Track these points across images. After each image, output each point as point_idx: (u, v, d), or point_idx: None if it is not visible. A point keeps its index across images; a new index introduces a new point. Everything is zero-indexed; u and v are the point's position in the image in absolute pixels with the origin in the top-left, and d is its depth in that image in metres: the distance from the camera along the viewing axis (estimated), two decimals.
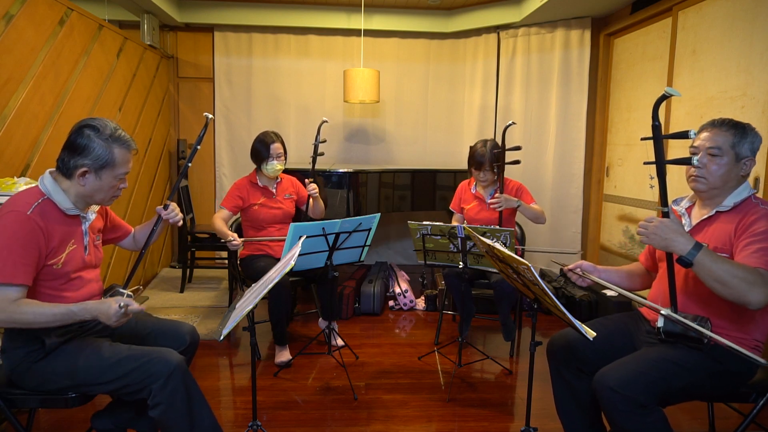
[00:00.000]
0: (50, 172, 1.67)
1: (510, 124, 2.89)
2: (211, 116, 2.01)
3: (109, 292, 1.77)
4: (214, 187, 5.02)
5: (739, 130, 1.65)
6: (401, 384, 2.73)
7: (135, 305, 1.57)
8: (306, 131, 4.90)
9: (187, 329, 1.88)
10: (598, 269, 1.89)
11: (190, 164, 1.97)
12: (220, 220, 2.93)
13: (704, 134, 1.70)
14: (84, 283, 1.73)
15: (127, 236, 2.04)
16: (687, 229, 1.75)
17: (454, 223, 3.22)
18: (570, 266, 1.88)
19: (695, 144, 1.72)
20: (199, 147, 1.96)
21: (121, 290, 1.74)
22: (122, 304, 1.54)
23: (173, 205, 1.94)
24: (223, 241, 2.86)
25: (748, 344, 1.65)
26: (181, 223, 1.97)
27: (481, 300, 3.74)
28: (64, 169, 1.64)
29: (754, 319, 1.65)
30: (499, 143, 2.91)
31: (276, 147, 3.00)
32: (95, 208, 1.82)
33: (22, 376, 1.64)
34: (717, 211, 1.69)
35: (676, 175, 3.21)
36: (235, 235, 2.82)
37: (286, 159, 3.09)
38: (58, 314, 1.53)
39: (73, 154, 1.62)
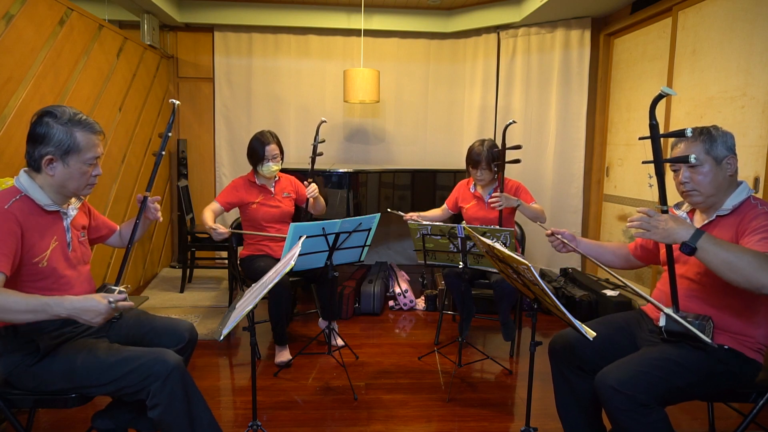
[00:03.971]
0: (24, 170, 1.67)
1: (510, 123, 2.89)
2: (177, 102, 2.01)
3: (101, 291, 1.75)
4: (214, 187, 5.01)
5: (707, 136, 1.66)
6: (401, 384, 2.73)
7: (126, 302, 1.50)
8: (306, 131, 4.90)
9: (185, 326, 1.88)
10: (577, 240, 2.00)
11: (163, 153, 1.94)
12: (209, 212, 2.93)
13: (677, 150, 1.73)
14: (75, 282, 1.72)
15: (112, 234, 2.05)
16: None
17: (440, 212, 3.25)
18: (553, 230, 1.99)
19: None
20: (170, 134, 1.94)
21: (113, 288, 1.71)
22: (112, 300, 1.46)
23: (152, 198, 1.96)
24: (209, 231, 2.79)
25: (752, 346, 1.65)
26: (161, 219, 2.04)
27: (481, 300, 3.74)
28: (32, 162, 1.64)
29: (757, 321, 1.65)
30: (499, 143, 2.92)
31: (271, 148, 3.00)
32: (76, 204, 1.80)
33: (20, 378, 1.63)
34: (717, 216, 1.69)
35: None
36: (219, 225, 2.81)
37: (282, 159, 3.09)
38: (32, 305, 1.43)
39: (36, 143, 1.62)
